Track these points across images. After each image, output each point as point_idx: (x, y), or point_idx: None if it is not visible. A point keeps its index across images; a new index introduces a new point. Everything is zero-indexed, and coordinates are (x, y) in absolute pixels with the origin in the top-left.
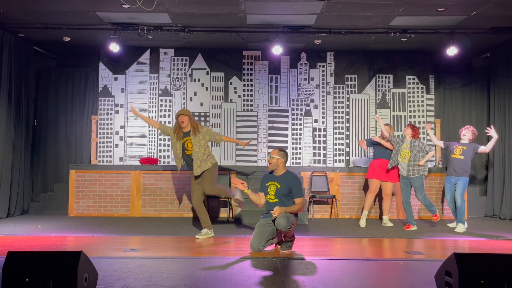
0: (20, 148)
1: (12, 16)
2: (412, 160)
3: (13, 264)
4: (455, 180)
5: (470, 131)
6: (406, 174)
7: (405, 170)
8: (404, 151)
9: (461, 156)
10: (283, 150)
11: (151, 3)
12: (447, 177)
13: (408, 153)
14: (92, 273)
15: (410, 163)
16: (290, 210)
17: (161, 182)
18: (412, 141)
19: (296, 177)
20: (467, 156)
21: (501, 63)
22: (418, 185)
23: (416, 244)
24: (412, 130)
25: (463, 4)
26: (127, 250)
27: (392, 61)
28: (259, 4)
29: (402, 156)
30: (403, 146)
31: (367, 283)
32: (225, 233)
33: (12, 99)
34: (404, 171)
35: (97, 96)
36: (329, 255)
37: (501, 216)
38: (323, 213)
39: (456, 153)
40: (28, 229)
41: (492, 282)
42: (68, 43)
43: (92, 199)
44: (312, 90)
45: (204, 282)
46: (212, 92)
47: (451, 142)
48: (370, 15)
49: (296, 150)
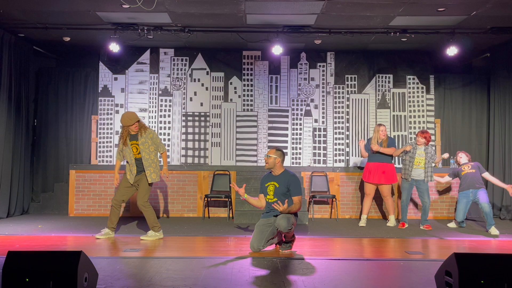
0: (20, 148)
1: (12, 16)
2: (428, 166)
3: (13, 264)
4: (473, 194)
5: (463, 154)
6: (425, 180)
7: (423, 175)
8: (418, 158)
9: (471, 170)
10: (280, 150)
11: (151, 3)
12: (461, 193)
13: (422, 160)
14: (92, 273)
15: (427, 169)
16: (292, 210)
17: (161, 182)
18: (425, 148)
19: (294, 176)
20: (476, 170)
21: (501, 63)
22: (426, 188)
23: (416, 244)
24: (425, 138)
25: (463, 4)
26: (127, 250)
27: (392, 61)
28: (259, 4)
29: (416, 163)
30: (417, 153)
31: (367, 283)
32: (225, 233)
33: (12, 99)
34: (420, 177)
35: (97, 96)
36: (329, 255)
37: (501, 216)
38: (323, 213)
39: (466, 169)
40: (28, 229)
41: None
42: (68, 43)
43: (92, 199)
44: (312, 90)
45: (204, 282)
46: (212, 92)
47: (454, 168)
48: (370, 15)
49: (296, 150)
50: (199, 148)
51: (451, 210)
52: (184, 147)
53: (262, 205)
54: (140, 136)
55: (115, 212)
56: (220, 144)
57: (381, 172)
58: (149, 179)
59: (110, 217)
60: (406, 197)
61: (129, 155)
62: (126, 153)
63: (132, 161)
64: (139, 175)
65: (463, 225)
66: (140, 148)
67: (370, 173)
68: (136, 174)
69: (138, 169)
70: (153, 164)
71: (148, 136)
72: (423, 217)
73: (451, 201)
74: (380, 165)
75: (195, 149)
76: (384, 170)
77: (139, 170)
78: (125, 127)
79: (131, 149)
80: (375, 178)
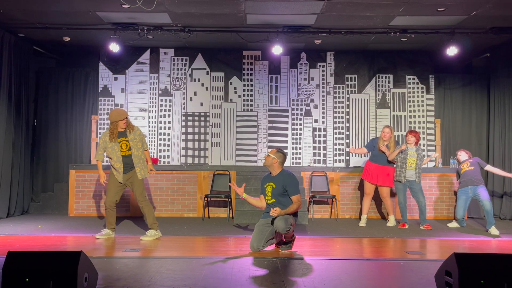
0: (20, 148)
1: (12, 16)
2: (419, 167)
3: (13, 264)
4: (472, 191)
5: (463, 152)
6: (417, 181)
7: (414, 176)
8: (411, 159)
9: (470, 167)
10: (281, 151)
11: (151, 3)
12: (461, 190)
13: (414, 160)
14: (92, 273)
15: (417, 170)
16: (290, 211)
17: (161, 182)
18: (416, 149)
19: (290, 175)
20: (476, 167)
21: (501, 63)
22: (420, 187)
23: (416, 244)
24: (415, 137)
25: (463, 4)
26: (127, 250)
27: (392, 61)
28: (259, 4)
29: (409, 164)
30: (409, 154)
31: (367, 283)
32: (225, 233)
33: (12, 99)
34: (412, 177)
35: (97, 96)
36: (329, 255)
37: (501, 216)
38: (323, 213)
39: (465, 167)
40: (28, 229)
41: (492, 282)
42: (68, 43)
43: (92, 199)
44: (312, 90)
45: (204, 282)
46: (212, 92)
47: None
48: (370, 15)
49: (296, 150)
50: (199, 148)
51: (451, 210)
52: (184, 147)
53: (263, 205)
54: (129, 133)
55: (112, 214)
56: (220, 144)
57: (380, 174)
58: (139, 176)
59: (108, 219)
60: (403, 198)
61: (116, 153)
62: (112, 151)
63: (119, 159)
64: (128, 172)
65: (463, 224)
66: (131, 144)
67: (370, 172)
68: (124, 172)
69: (125, 167)
70: (141, 160)
71: (136, 133)
72: (422, 217)
73: (451, 201)
74: (380, 168)
75: (195, 149)
76: (384, 172)
77: (126, 168)
78: (114, 123)
79: (120, 146)
80: (374, 178)
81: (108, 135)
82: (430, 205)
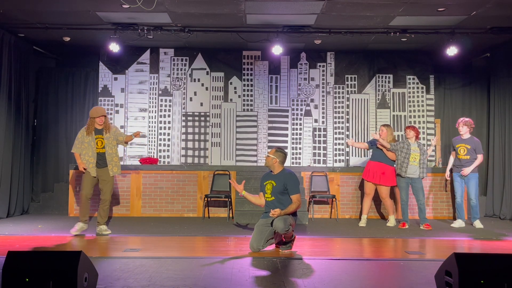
0: (20, 148)
1: (12, 16)
2: (422, 162)
3: (13, 264)
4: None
5: (465, 125)
6: (421, 176)
7: (418, 172)
8: (414, 154)
9: (466, 156)
10: (281, 150)
11: (151, 3)
12: (456, 173)
13: (417, 155)
14: (92, 273)
15: (421, 165)
16: (289, 211)
17: (161, 182)
18: (418, 144)
19: (291, 174)
20: (472, 156)
21: (501, 63)
22: (421, 186)
23: (416, 244)
24: (414, 131)
25: (463, 4)
26: (127, 250)
27: (392, 61)
28: (259, 4)
29: (412, 159)
30: (412, 149)
31: (367, 283)
32: (225, 233)
33: (12, 99)
34: (415, 174)
35: (97, 96)
36: (329, 255)
37: (501, 216)
38: (323, 213)
39: (461, 153)
40: (28, 229)
41: (492, 282)
42: (68, 43)
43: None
44: (312, 90)
45: (204, 282)
46: (212, 92)
47: (454, 138)
48: (370, 15)
49: (296, 150)
50: (199, 148)
51: (451, 210)
52: (184, 147)
53: (262, 203)
54: (105, 133)
55: (86, 206)
56: (220, 144)
57: (380, 173)
58: (110, 173)
59: (82, 211)
60: (405, 196)
61: (91, 148)
62: (88, 146)
63: (93, 154)
64: (101, 168)
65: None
66: (105, 142)
67: (370, 171)
68: (97, 167)
69: (98, 163)
70: (115, 158)
71: (112, 132)
72: (421, 216)
73: (451, 201)
74: (381, 165)
75: (195, 149)
76: (384, 171)
77: (99, 164)
78: (91, 119)
79: (96, 143)
80: (374, 177)
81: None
82: (430, 205)
